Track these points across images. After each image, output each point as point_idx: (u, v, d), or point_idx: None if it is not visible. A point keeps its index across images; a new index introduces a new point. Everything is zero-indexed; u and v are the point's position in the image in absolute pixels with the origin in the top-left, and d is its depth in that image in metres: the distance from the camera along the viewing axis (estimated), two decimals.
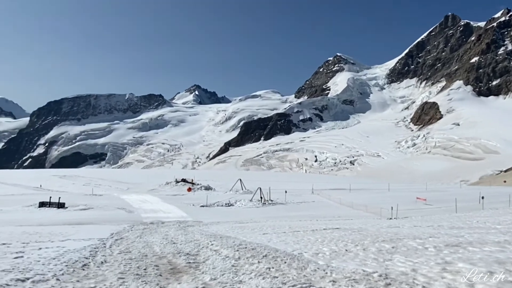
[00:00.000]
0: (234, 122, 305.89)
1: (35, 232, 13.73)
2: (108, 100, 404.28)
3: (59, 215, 24.93)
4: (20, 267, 6.30)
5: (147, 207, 30.75)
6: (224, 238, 12.09)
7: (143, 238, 13.03)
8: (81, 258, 7.91)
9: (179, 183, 57.70)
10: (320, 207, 32.95)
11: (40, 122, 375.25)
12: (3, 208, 27.51)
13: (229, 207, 33.04)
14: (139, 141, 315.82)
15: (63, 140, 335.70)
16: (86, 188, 54.68)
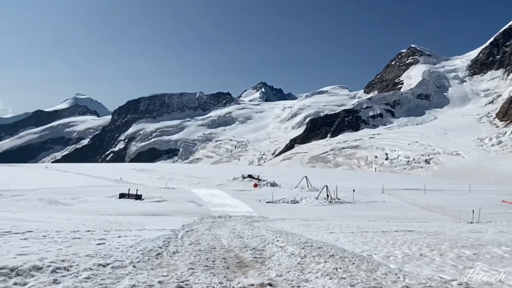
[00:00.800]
0: (300, 119, 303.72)
1: (115, 221, 14.89)
2: (180, 99, 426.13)
3: (136, 206, 26.80)
4: (102, 253, 6.82)
5: (215, 201, 31.79)
6: (289, 235, 12.01)
7: (212, 231, 13.45)
8: (155, 247, 8.36)
9: (246, 179, 58.80)
10: (391, 207, 31.33)
11: (121, 120, 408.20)
12: (88, 198, 30.32)
13: (295, 204, 32.85)
14: (208, 138, 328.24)
15: (140, 136, 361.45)
16: (161, 181, 58.19)
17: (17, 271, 4.63)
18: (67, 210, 22.62)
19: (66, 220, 14.41)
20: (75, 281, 4.64)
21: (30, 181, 47.56)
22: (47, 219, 14.65)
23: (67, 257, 5.92)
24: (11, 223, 11.71)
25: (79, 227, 11.60)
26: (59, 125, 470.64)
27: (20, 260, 5.27)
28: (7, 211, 17.73)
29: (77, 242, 8.00)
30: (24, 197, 28.49)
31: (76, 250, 6.77)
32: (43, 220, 13.97)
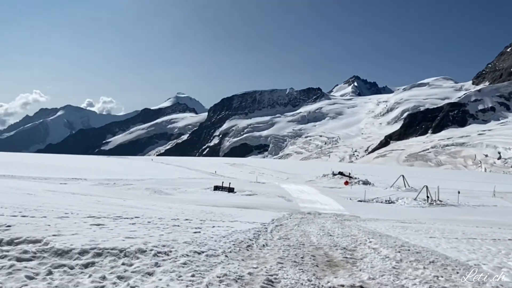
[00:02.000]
0: (396, 114, 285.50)
1: (210, 212, 15.75)
2: (271, 95, 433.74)
3: (229, 198, 28.04)
4: (198, 241, 7.22)
5: (304, 197, 31.63)
6: (383, 236, 11.32)
7: (301, 227, 13.36)
8: (246, 239, 8.58)
9: (336, 176, 57.37)
10: (503, 213, 27.58)
11: (216, 117, 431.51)
12: (187, 189, 32.66)
13: (389, 205, 30.97)
14: (298, 134, 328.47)
15: (233, 132, 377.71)
16: (251, 175, 60.05)
17: (125, 253, 5.12)
18: (169, 199, 24.66)
19: (168, 209, 15.69)
20: (173, 266, 4.95)
21: (138, 172, 53.11)
22: (152, 206, 16.13)
23: (167, 243, 6.39)
24: (122, 209, 13.18)
25: (178, 215, 12.53)
26: (162, 122, 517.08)
27: (127, 242, 5.84)
28: (119, 198, 20.03)
29: (177, 230, 8.61)
30: (133, 186, 31.88)
31: (175, 237, 7.28)
32: (149, 207, 15.42)
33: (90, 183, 32.15)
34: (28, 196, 15.11)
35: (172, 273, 4.63)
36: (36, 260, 4.33)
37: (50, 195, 17.26)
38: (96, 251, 4.96)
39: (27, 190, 18.59)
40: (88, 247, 5.02)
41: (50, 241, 5.09)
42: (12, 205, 10.30)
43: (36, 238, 5.15)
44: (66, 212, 9.87)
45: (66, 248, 4.82)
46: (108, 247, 5.21)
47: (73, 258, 4.61)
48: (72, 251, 4.77)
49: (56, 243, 5.03)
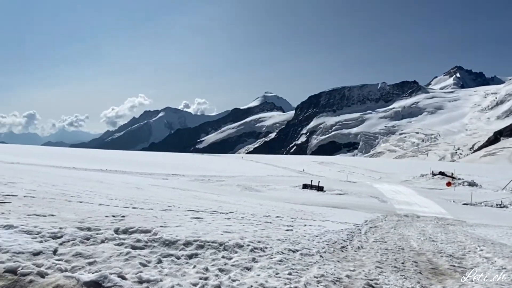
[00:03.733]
0: (508, 107, 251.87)
1: (300, 210, 15.70)
2: (360, 91, 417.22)
3: (318, 197, 27.67)
4: (291, 239, 7.21)
5: (400, 199, 29.72)
6: (497, 244, 10.02)
7: (398, 230, 12.54)
8: (339, 240, 8.32)
9: (436, 176, 52.78)
10: None
11: (303, 114, 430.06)
12: (276, 187, 33.11)
13: (502, 209, 27.42)
14: (391, 131, 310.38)
15: (321, 130, 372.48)
16: (341, 174, 58.48)
17: (224, 246, 5.33)
18: (259, 196, 25.27)
19: (259, 205, 16.06)
20: (270, 262, 5.00)
21: (229, 169, 55.56)
22: (244, 202, 16.68)
23: (262, 239, 6.50)
24: (217, 204, 13.85)
25: (269, 212, 12.73)
26: (251, 121, 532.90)
27: (225, 237, 6.07)
28: (213, 194, 21.14)
29: (269, 226, 8.73)
30: (225, 182, 33.42)
31: (268, 233, 7.37)
32: (241, 203, 15.97)
33: (187, 178, 34.59)
34: (137, 190, 16.81)
35: (269, 269, 4.67)
36: (147, 248, 4.73)
37: (154, 189, 18.96)
38: (199, 243, 5.25)
39: (136, 184, 20.71)
40: (191, 239, 5.34)
41: (158, 232, 5.54)
42: (125, 198, 11.52)
43: (147, 228, 5.65)
44: (169, 205, 10.70)
45: (172, 239, 5.19)
46: (209, 240, 5.48)
47: (178, 248, 4.94)
48: (177, 242, 5.12)
49: (163, 234, 5.45)
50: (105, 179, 22.51)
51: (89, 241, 4.63)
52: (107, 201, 9.80)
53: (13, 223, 4.81)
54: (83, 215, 6.39)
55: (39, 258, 3.78)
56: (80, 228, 5.11)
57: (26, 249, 3.91)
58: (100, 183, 18.27)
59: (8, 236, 4.27)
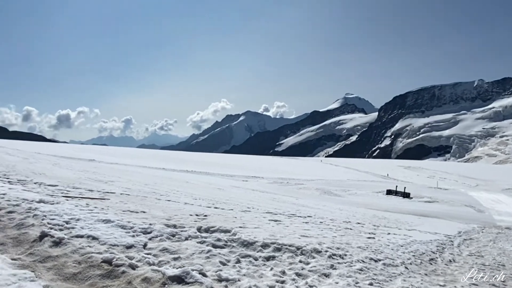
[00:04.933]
0: None
1: (383, 217, 14.89)
2: (453, 90, 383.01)
3: (404, 204, 25.99)
4: (372, 247, 6.86)
5: (501, 209, 26.50)
6: None
7: (498, 243, 11.19)
8: (427, 251, 7.71)
9: None
10: None
11: (387, 116, 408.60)
12: (357, 192, 31.91)
13: None
14: (490, 133, 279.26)
15: (407, 132, 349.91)
16: (430, 180, 54.20)
17: (301, 250, 5.27)
18: (339, 200, 24.60)
19: (339, 210, 15.63)
20: (349, 270, 4.81)
21: (308, 172, 55.04)
22: (323, 207, 16.37)
23: (341, 246, 6.29)
24: (295, 207, 13.81)
25: (350, 218, 12.30)
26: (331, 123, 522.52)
27: (303, 241, 6.01)
28: (292, 197, 21.12)
29: (349, 233, 8.42)
30: (304, 185, 33.18)
31: (348, 240, 7.12)
32: (320, 207, 15.70)
33: (266, 181, 35.11)
34: (218, 191, 17.55)
35: (348, 278, 4.49)
36: (227, 248, 4.89)
37: (235, 191, 19.61)
38: (276, 246, 5.27)
39: (218, 185, 21.64)
40: (268, 241, 5.38)
41: (237, 232, 5.69)
42: (207, 198, 12.09)
43: (226, 228, 5.84)
44: (248, 207, 10.96)
45: (250, 240, 5.30)
46: (286, 243, 5.47)
47: (256, 250, 5.01)
48: (255, 244, 5.20)
49: (242, 234, 5.59)
50: (190, 179, 23.92)
51: (175, 237, 4.94)
52: (192, 201, 10.39)
53: (110, 218, 5.35)
54: (170, 213, 6.85)
55: (131, 251, 4.14)
56: (167, 225, 5.48)
57: (121, 243, 4.31)
58: (186, 183, 19.47)
59: (106, 229, 4.76)
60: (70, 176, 12.35)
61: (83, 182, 10.82)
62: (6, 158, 17.22)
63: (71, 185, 9.36)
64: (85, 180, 11.70)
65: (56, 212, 5.40)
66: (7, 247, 4.05)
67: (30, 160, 18.43)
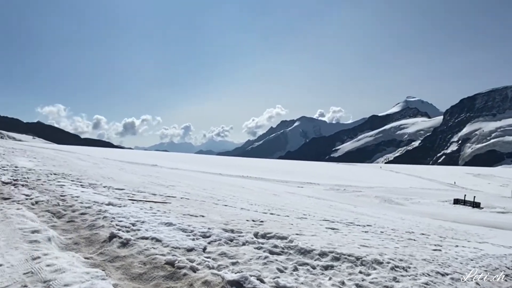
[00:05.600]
0: None
1: (450, 228, 13.90)
2: None
3: (474, 214, 24.09)
4: (439, 260, 6.42)
5: None
6: None
7: None
8: (502, 267, 7.04)
9: None
10: None
11: (453, 120, 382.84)
12: (420, 200, 30.15)
13: None
14: None
15: (476, 137, 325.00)
16: (503, 189, 49.70)
17: (361, 261, 5.08)
18: (400, 209, 23.42)
19: (400, 220, 14.87)
20: (414, 284, 4.54)
21: (366, 179, 53.19)
22: (383, 216, 15.69)
23: (404, 257, 5.96)
24: (353, 215, 13.38)
25: (413, 228, 11.64)
26: (391, 128, 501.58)
27: (363, 251, 5.79)
28: (350, 204, 20.51)
29: (412, 244, 7.97)
30: (362, 193, 32.08)
31: (412, 252, 6.73)
32: (379, 216, 15.07)
33: (322, 187, 34.51)
34: (274, 197, 17.57)
35: None
36: (284, 255, 4.86)
37: (290, 197, 19.51)
38: (334, 255, 5.13)
39: (273, 191, 21.69)
40: (326, 250, 5.26)
41: (294, 239, 5.64)
42: (263, 203, 12.16)
43: (283, 235, 5.82)
44: (304, 214, 10.83)
45: (308, 248, 5.22)
46: (345, 252, 5.30)
47: (314, 258, 4.92)
48: (313, 252, 5.11)
49: (299, 242, 5.52)
50: (246, 185, 24.25)
51: (232, 242, 5.02)
52: (248, 206, 10.51)
53: (172, 221, 5.58)
54: (228, 218, 6.99)
55: (192, 254, 4.28)
56: (225, 230, 5.59)
57: (182, 245, 4.48)
58: (242, 188, 19.77)
59: (168, 232, 4.97)
60: (135, 180, 13.12)
61: (147, 186, 11.43)
62: (79, 163, 18.75)
63: (136, 189, 9.94)
64: (149, 184, 12.35)
65: (124, 215, 5.76)
66: (81, 247, 4.38)
67: (99, 165, 19.88)
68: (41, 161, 15.66)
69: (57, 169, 12.91)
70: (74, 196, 7.20)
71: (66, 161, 18.23)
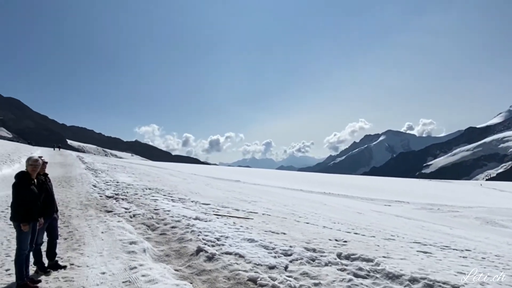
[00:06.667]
0: None
1: None
2: None
3: None
4: None
5: None
6: None
7: None
8: None
9: None
10: None
11: None
12: None
13: None
14: None
15: None
16: None
17: None
18: (506, 233, 20.68)
19: (506, 244, 13.12)
20: None
21: (464, 198, 48.14)
22: (485, 240, 14.01)
23: None
24: (449, 238, 12.17)
25: None
26: (492, 141, 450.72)
27: (460, 279, 5.22)
28: (444, 226, 18.71)
29: None
30: (459, 213, 29.08)
31: None
32: (480, 240, 13.48)
33: (413, 206, 32.12)
34: (358, 215, 16.84)
35: None
36: (369, 279, 4.60)
37: (376, 216, 18.51)
38: (427, 281, 4.71)
39: (356, 209, 20.81)
40: (418, 276, 4.85)
41: (381, 262, 5.31)
42: (346, 222, 11.73)
43: (369, 257, 5.52)
44: (392, 235, 10.16)
45: (396, 273, 4.87)
46: (439, 280, 4.83)
47: (403, 284, 4.57)
48: (402, 277, 4.76)
49: (386, 265, 5.19)
50: (328, 202, 23.67)
51: (314, 262, 4.91)
52: (330, 224, 10.23)
53: (254, 237, 5.68)
54: (309, 236, 6.87)
55: (273, 272, 4.29)
56: (307, 249, 5.50)
57: (264, 262, 4.51)
58: (324, 205, 19.34)
59: (251, 248, 5.06)
60: (220, 196, 13.68)
61: (231, 202, 11.83)
62: (170, 178, 20.20)
63: (220, 204, 10.35)
64: (232, 200, 12.78)
65: (209, 229, 6.02)
66: (171, 259, 4.68)
67: (188, 180, 21.19)
68: (138, 177, 17.23)
69: (151, 184, 14.08)
70: (166, 210, 7.76)
71: (159, 177, 19.79)
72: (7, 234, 6.18)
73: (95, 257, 4.53)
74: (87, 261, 4.45)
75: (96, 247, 4.98)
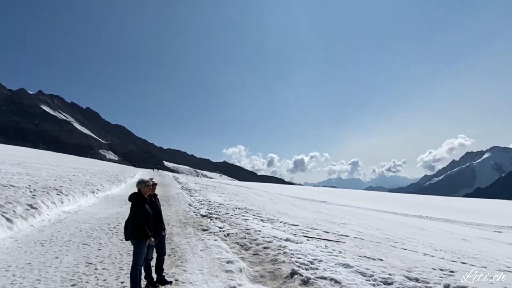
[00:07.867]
0: None
1: None
2: None
3: None
4: None
5: None
6: None
7: None
8: None
9: None
10: None
11: None
12: None
13: None
14: None
15: None
16: None
17: None
18: None
19: None
20: None
21: None
22: None
23: None
24: None
25: None
26: None
27: None
28: None
29: None
30: None
31: None
32: None
33: None
34: (463, 242, 15.14)
35: None
36: None
37: (485, 243, 16.45)
38: None
39: (461, 235, 18.74)
40: None
41: None
42: (450, 249, 10.63)
43: None
44: (508, 266, 8.91)
45: None
46: None
47: None
48: None
49: None
50: (426, 226, 21.76)
51: None
52: (431, 251, 9.38)
53: (349, 262, 5.45)
54: (410, 264, 6.37)
55: None
56: (408, 278, 5.10)
57: None
58: (422, 230, 17.84)
59: (347, 274, 4.86)
60: (307, 217, 13.50)
61: (319, 223, 11.58)
62: (257, 198, 20.59)
63: (309, 226, 10.20)
64: (320, 221, 12.50)
65: (301, 251, 5.96)
66: (266, 280, 4.72)
67: (274, 200, 21.37)
68: (228, 196, 17.91)
69: (240, 203, 14.50)
70: (256, 230, 7.90)
71: (247, 196, 20.31)
72: (120, 249, 6.86)
73: (196, 274, 4.78)
74: (189, 277, 4.71)
75: (197, 264, 5.25)
